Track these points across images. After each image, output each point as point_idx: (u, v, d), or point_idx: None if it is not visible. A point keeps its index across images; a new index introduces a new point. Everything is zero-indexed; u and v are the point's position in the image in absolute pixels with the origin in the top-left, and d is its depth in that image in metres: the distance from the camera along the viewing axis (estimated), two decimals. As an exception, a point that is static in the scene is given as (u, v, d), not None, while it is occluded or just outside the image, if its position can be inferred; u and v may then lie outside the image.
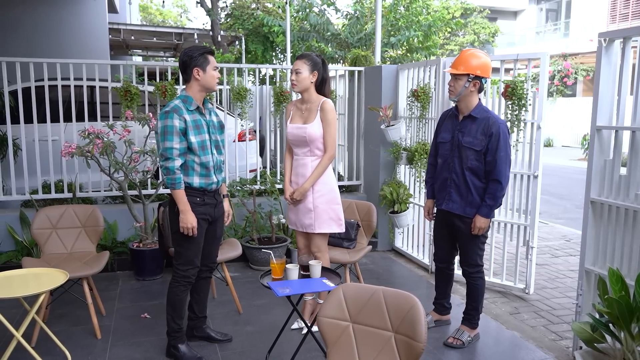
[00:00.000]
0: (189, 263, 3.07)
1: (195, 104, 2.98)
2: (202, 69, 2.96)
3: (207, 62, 2.96)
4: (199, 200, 3.01)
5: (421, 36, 10.77)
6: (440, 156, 3.41)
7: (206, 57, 2.97)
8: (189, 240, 3.02)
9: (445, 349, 3.35)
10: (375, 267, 5.01)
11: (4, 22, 8.72)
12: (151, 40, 14.74)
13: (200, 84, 2.98)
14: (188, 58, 2.96)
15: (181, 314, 3.12)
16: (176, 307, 3.10)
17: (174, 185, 2.90)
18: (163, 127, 2.88)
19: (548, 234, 6.62)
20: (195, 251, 3.08)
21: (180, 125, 2.88)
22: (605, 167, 3.03)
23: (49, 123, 4.73)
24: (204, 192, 3.04)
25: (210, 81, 2.99)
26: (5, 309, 3.66)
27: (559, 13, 25.54)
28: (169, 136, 2.86)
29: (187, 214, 2.93)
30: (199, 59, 2.94)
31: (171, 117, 2.87)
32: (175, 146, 2.87)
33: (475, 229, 3.25)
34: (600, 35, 2.97)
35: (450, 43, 23.91)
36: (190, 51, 2.98)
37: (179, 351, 3.10)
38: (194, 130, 2.94)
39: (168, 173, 2.88)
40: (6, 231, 4.60)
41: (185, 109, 2.93)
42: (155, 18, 34.68)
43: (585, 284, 3.14)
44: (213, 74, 3.00)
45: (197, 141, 2.95)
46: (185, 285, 3.10)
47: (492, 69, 3.32)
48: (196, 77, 2.96)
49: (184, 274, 3.07)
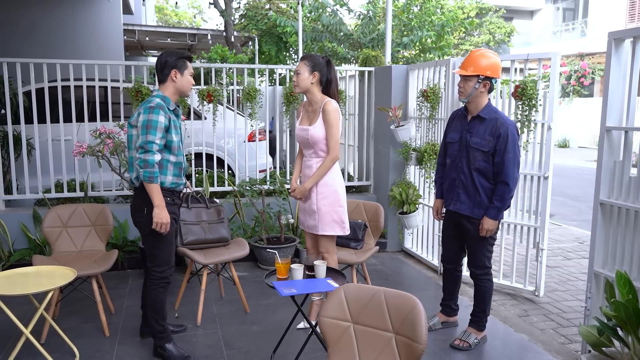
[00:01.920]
0: (165, 263, 3.09)
1: (172, 104, 3.06)
2: (180, 72, 3.04)
3: (186, 67, 3.07)
4: (169, 200, 3.04)
5: (434, 36, 10.70)
6: (448, 156, 3.39)
7: (185, 61, 3.07)
8: (163, 240, 3.04)
9: (451, 351, 3.32)
10: (384, 268, 4.99)
11: (21, 24, 8.87)
12: (165, 41, 14.87)
13: (175, 87, 3.06)
14: (168, 59, 3.03)
15: (163, 315, 3.15)
16: (158, 309, 3.12)
17: (152, 178, 2.88)
18: (147, 121, 2.88)
19: (561, 236, 6.54)
20: (169, 251, 3.11)
21: (165, 122, 2.92)
22: (615, 168, 2.98)
23: (61, 123, 4.80)
24: (173, 192, 3.09)
25: (185, 85, 3.08)
26: (17, 305, 3.72)
27: (576, 12, 25.22)
28: (152, 130, 2.87)
29: (162, 210, 2.92)
30: (178, 62, 3.04)
31: (157, 112, 2.90)
32: (157, 141, 2.89)
33: (483, 231, 3.22)
34: (610, 34, 2.93)
35: (465, 43, 23.75)
36: (171, 54, 3.08)
37: (166, 351, 3.13)
38: (173, 130, 3.00)
39: (147, 166, 2.86)
40: (20, 229, 4.68)
41: (167, 108, 2.98)
42: (171, 19, 34.98)
43: (594, 286, 3.09)
44: (189, 79, 3.09)
45: (177, 140, 3.03)
46: (164, 286, 3.11)
47: (502, 69, 3.28)
48: (173, 78, 3.04)
49: (161, 275, 3.09)
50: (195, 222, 3.83)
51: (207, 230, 3.84)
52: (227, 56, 11.38)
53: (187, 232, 3.75)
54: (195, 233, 3.78)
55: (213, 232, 3.86)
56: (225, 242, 3.92)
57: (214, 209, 3.97)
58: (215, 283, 4.38)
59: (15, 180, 4.84)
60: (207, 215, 3.91)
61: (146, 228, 3.00)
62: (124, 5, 10.94)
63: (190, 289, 4.23)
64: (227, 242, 3.93)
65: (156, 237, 3.02)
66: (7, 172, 4.94)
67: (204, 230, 3.82)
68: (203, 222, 3.85)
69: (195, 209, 3.88)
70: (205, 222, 3.86)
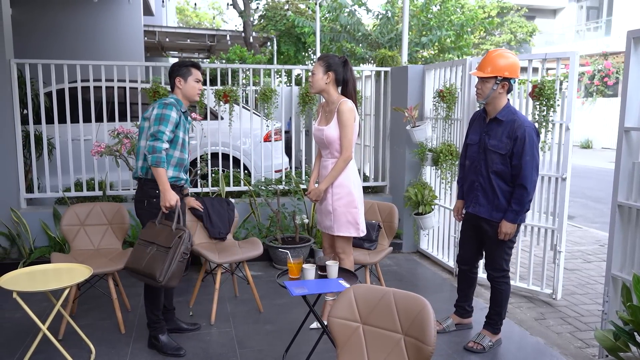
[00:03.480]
0: None
1: (184, 107, 3.25)
2: (183, 79, 3.22)
3: (190, 74, 3.24)
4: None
5: (453, 36, 10.61)
6: (468, 158, 3.36)
7: (189, 69, 3.25)
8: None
9: (465, 353, 3.29)
10: (399, 269, 4.97)
11: (42, 25, 9.06)
12: (185, 42, 15.02)
13: (182, 93, 3.24)
14: (173, 68, 3.27)
15: (159, 305, 3.24)
16: (153, 300, 3.21)
17: (159, 163, 3.01)
18: (160, 114, 3.06)
19: (581, 239, 6.43)
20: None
21: (177, 118, 3.12)
22: (633, 169, 2.92)
23: (81, 123, 4.89)
24: (174, 186, 3.18)
25: (190, 91, 3.24)
26: (36, 302, 3.81)
27: (600, 11, 24.74)
28: (165, 122, 3.05)
29: (167, 192, 3.05)
30: (181, 70, 3.24)
31: (170, 108, 3.09)
32: (167, 132, 3.05)
33: (501, 235, 3.17)
34: (629, 33, 2.87)
35: (486, 42, 23.49)
36: (177, 63, 3.31)
37: (159, 341, 3.23)
38: (182, 128, 3.20)
39: (155, 151, 3.00)
40: (40, 227, 4.78)
41: (179, 108, 3.19)
42: (192, 20, 35.35)
43: (611, 290, 3.03)
44: (194, 85, 3.25)
45: (183, 138, 3.22)
46: None
47: (520, 68, 3.23)
48: (178, 85, 3.23)
49: None
50: (145, 245, 3.09)
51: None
52: (245, 57, 11.45)
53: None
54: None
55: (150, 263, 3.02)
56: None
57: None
58: (230, 282, 4.41)
59: (37, 179, 4.94)
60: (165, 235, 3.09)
61: (145, 220, 3.18)
62: (145, 6, 11.08)
63: (205, 288, 4.27)
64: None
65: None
66: (28, 171, 5.05)
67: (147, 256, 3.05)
68: (154, 243, 3.06)
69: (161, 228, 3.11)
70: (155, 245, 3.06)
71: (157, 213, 3.13)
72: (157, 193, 3.12)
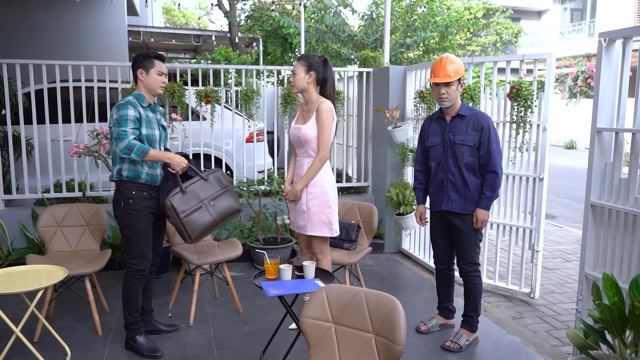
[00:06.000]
0: (141, 256, 3.18)
1: (147, 101, 3.17)
2: (145, 71, 3.14)
3: (152, 66, 3.15)
4: (145, 195, 3.15)
5: (437, 37, 10.66)
6: (432, 159, 3.43)
7: (152, 60, 3.16)
8: (137, 233, 3.14)
9: (442, 353, 3.31)
10: (381, 269, 4.98)
11: (25, 25, 8.95)
12: (170, 42, 14.94)
13: (144, 85, 3.18)
14: (135, 60, 3.18)
15: (137, 306, 3.25)
16: (132, 301, 3.21)
17: (144, 152, 2.99)
18: (119, 117, 3.02)
19: (562, 238, 6.50)
20: (145, 244, 3.19)
21: (136, 114, 3.05)
22: (605, 169, 2.96)
23: (60, 123, 4.85)
24: (150, 187, 3.17)
25: (152, 84, 3.17)
26: (13, 304, 3.77)
27: (584, 13, 25.04)
28: (124, 122, 3.00)
29: (172, 159, 3.08)
30: (143, 62, 3.15)
31: (125, 107, 3.03)
32: (128, 130, 3.00)
33: (477, 223, 3.29)
34: (600, 34, 2.91)
35: (472, 44, 23.65)
36: (140, 54, 3.20)
37: (136, 342, 3.23)
38: (145, 124, 3.11)
39: (131, 149, 2.97)
40: (19, 229, 4.73)
41: (138, 104, 3.12)
42: (179, 20, 35.16)
43: (585, 289, 3.07)
44: (156, 78, 3.17)
45: (147, 134, 3.11)
46: (139, 278, 3.21)
47: (499, 69, 3.29)
48: (140, 77, 3.16)
49: (138, 268, 3.18)
50: (196, 207, 3.19)
51: (211, 208, 3.25)
52: (230, 57, 11.41)
53: (191, 226, 3.16)
54: (201, 223, 3.20)
55: (219, 208, 3.28)
56: (237, 212, 3.39)
57: (213, 178, 3.32)
58: (209, 283, 4.39)
59: (15, 180, 4.89)
60: (206, 189, 3.27)
61: (123, 221, 3.15)
62: (129, 6, 11.00)
63: (185, 289, 4.25)
64: (239, 211, 3.41)
65: (131, 229, 3.13)
66: (6, 172, 4.99)
67: (209, 211, 3.24)
68: (204, 200, 3.24)
69: (191, 189, 3.21)
70: (207, 200, 3.25)
71: (134, 214, 3.12)
72: (133, 194, 3.12)
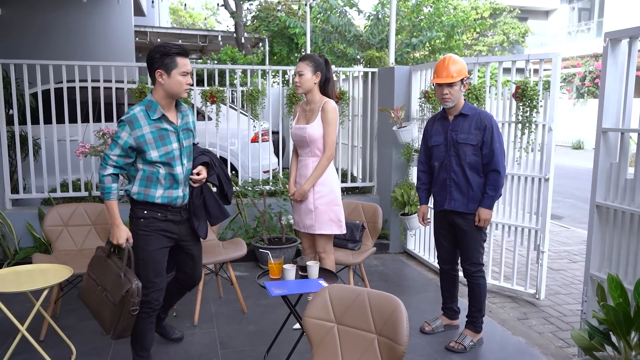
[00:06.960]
0: (148, 285, 2.67)
1: (160, 111, 2.63)
2: (166, 73, 2.58)
3: (174, 65, 2.58)
4: (160, 216, 2.71)
5: (443, 37, 10.64)
6: (435, 159, 3.42)
7: (173, 58, 2.57)
8: (144, 258, 2.69)
9: (447, 354, 3.30)
10: (385, 270, 4.98)
11: (32, 25, 9.01)
12: (177, 43, 14.98)
13: (164, 89, 2.62)
14: (151, 58, 2.60)
15: (145, 344, 2.80)
16: (138, 338, 2.78)
17: (103, 194, 2.63)
18: (114, 133, 2.71)
19: (568, 239, 6.46)
20: (154, 271, 2.71)
21: (128, 140, 2.58)
22: (611, 170, 2.95)
23: (67, 123, 4.88)
24: (167, 207, 2.72)
25: (175, 87, 2.61)
26: (19, 303, 3.79)
27: (592, 12, 24.88)
28: (113, 145, 2.61)
29: (116, 228, 2.64)
30: (164, 60, 2.57)
31: (122, 127, 2.58)
32: (112, 157, 2.60)
33: (480, 222, 3.28)
34: (606, 34, 2.89)
35: (478, 43, 23.56)
36: (156, 50, 2.60)
37: None
38: (155, 144, 2.61)
39: (101, 184, 2.62)
40: (25, 228, 4.76)
41: (146, 117, 2.61)
42: (186, 21, 35.26)
43: (590, 290, 3.06)
44: (179, 80, 2.60)
45: (160, 155, 2.63)
46: (147, 312, 2.71)
47: (505, 69, 3.28)
48: (159, 80, 2.60)
49: (145, 299, 2.65)
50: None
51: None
52: (236, 57, 11.43)
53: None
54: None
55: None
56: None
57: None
58: (214, 283, 4.41)
59: (22, 179, 4.93)
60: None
61: (133, 240, 2.72)
62: (136, 7, 11.05)
63: (190, 289, 4.26)
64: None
65: (138, 252, 2.69)
66: (14, 172, 5.03)
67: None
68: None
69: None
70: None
71: (143, 235, 2.70)
72: (144, 214, 2.69)
